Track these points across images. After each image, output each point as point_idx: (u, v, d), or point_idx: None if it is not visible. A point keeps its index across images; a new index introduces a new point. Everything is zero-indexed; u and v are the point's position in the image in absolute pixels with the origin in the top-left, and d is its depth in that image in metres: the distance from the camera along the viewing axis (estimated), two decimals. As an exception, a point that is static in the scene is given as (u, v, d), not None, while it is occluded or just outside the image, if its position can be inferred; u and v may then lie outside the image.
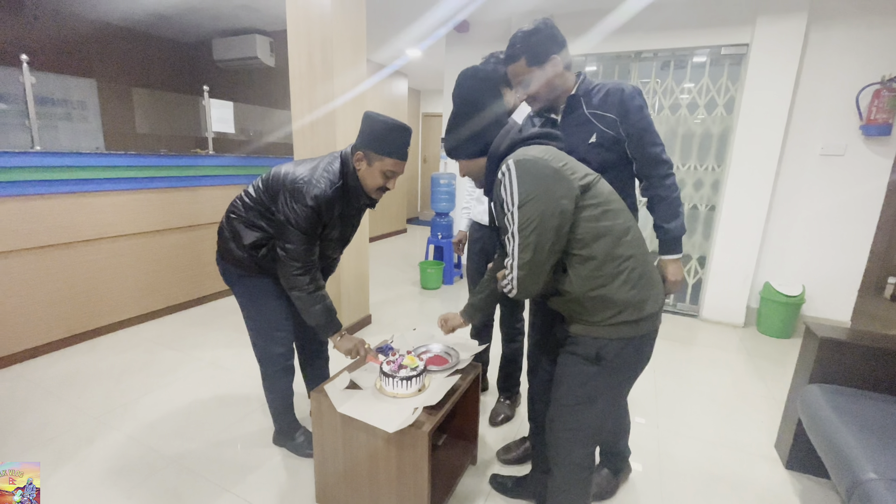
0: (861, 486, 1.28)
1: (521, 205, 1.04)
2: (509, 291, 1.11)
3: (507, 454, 1.84)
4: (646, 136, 1.38)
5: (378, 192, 1.54)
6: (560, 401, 1.23)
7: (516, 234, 1.06)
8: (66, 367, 2.50)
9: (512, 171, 1.06)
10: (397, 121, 1.45)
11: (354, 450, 1.43)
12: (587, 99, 1.41)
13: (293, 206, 1.42)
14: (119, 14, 4.32)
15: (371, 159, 1.46)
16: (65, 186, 2.60)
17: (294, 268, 1.47)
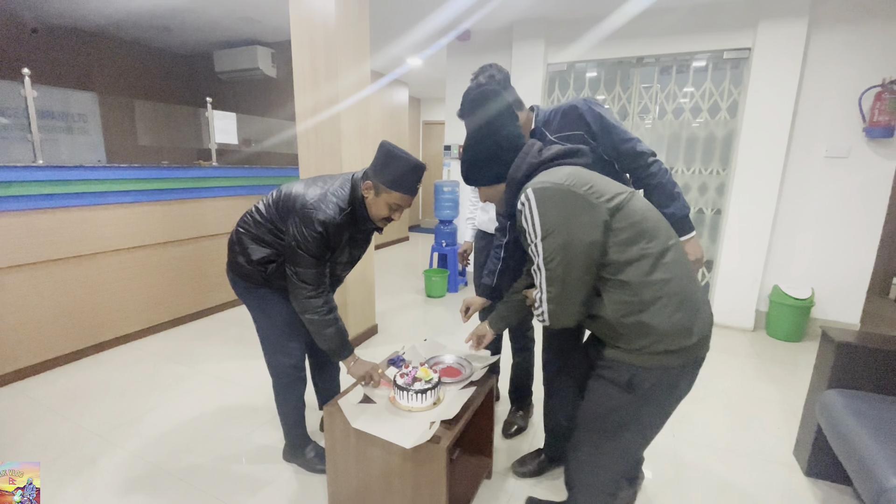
0: (886, 493, 1.26)
1: (545, 237, 1.00)
2: (542, 322, 1.07)
3: (523, 467, 1.80)
4: (613, 135, 1.45)
5: (382, 221, 1.52)
6: (587, 425, 1.18)
7: (542, 267, 1.02)
8: (69, 384, 2.47)
9: (532, 202, 1.02)
10: (411, 158, 1.41)
11: (369, 466, 1.40)
12: (548, 127, 1.51)
13: (303, 230, 1.42)
14: (119, 26, 4.34)
15: (379, 190, 1.44)
16: (67, 200, 2.58)
17: (306, 290, 1.46)
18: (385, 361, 1.71)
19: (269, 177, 3.91)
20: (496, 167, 1.18)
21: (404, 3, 3.49)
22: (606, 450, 1.16)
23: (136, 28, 4.39)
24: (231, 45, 4.79)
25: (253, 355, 2.85)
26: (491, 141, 1.18)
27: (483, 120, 1.19)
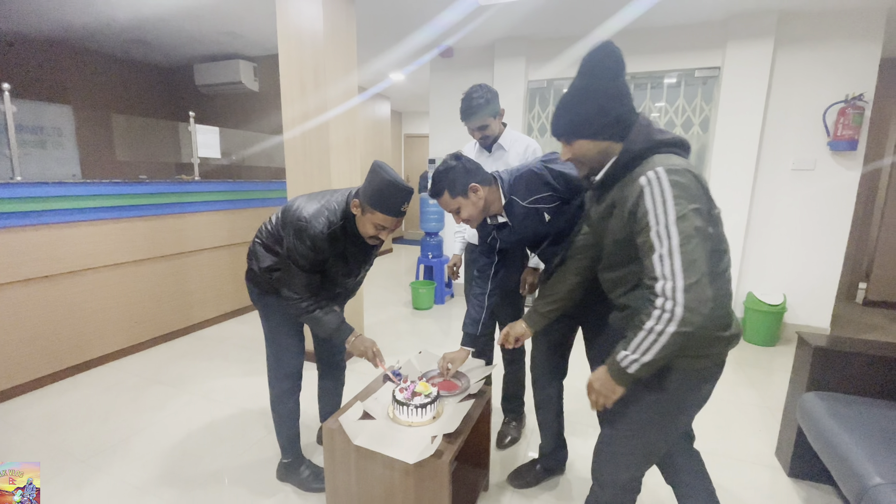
0: (868, 491, 1.32)
1: (680, 218, 0.93)
2: (668, 322, 0.94)
3: (519, 479, 1.82)
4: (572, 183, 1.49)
5: (371, 239, 1.54)
6: (613, 425, 1.20)
7: (675, 251, 0.93)
8: (48, 407, 2.37)
9: (663, 181, 0.95)
10: (398, 181, 1.42)
11: (370, 483, 1.40)
12: (517, 195, 1.53)
13: (295, 242, 1.48)
14: (97, 39, 4.26)
15: (364, 209, 1.46)
16: (47, 217, 2.51)
17: (292, 298, 1.53)
18: (382, 377, 1.71)
19: (252, 191, 3.88)
20: (602, 120, 1.07)
21: (389, 20, 3.54)
22: (633, 449, 1.18)
23: (115, 41, 4.31)
24: (212, 59, 4.76)
25: (240, 373, 2.80)
26: (607, 91, 1.06)
27: (601, 66, 1.06)
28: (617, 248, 1.13)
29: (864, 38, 3.10)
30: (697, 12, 3.23)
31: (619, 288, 1.18)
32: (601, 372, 1.10)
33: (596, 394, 1.12)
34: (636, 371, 1.02)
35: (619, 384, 1.07)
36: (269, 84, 4.72)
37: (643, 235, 0.99)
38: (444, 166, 1.48)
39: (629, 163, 1.05)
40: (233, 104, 5.09)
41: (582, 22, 3.47)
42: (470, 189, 1.47)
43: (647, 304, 1.00)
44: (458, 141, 4.11)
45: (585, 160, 1.13)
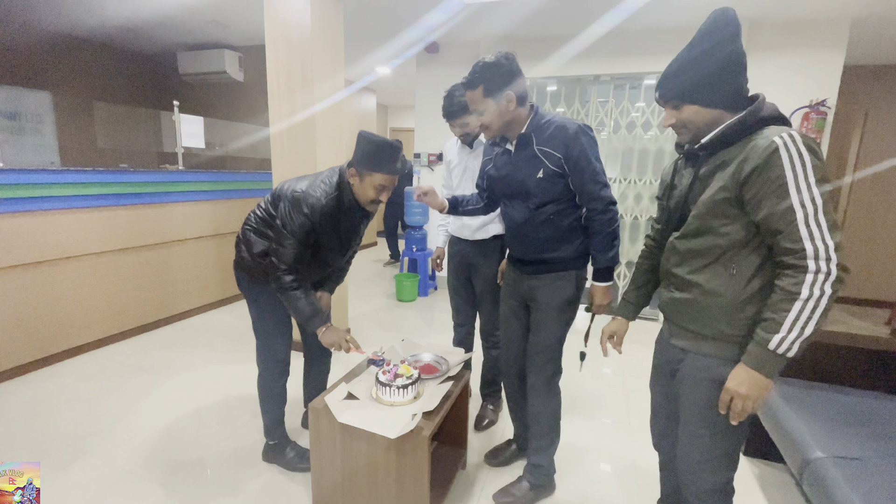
0: (810, 464, 1.46)
1: (819, 180, 0.91)
2: (823, 283, 0.90)
3: (496, 458, 1.92)
4: (585, 174, 1.45)
5: (372, 204, 1.63)
6: (695, 432, 1.13)
7: (821, 213, 0.91)
8: (31, 394, 2.39)
9: (800, 144, 0.92)
10: (387, 140, 1.54)
11: (353, 459, 1.48)
12: (538, 135, 1.48)
13: (291, 213, 1.53)
14: (77, 24, 4.19)
15: (363, 175, 1.55)
16: (29, 204, 2.50)
17: (280, 269, 1.57)
18: (366, 361, 1.79)
19: (236, 181, 3.89)
20: (720, 87, 1.03)
21: (375, 15, 3.58)
22: (723, 449, 1.13)
23: (97, 27, 4.24)
24: (197, 48, 4.72)
25: (226, 361, 2.84)
26: (725, 58, 1.01)
27: (718, 35, 1.02)
28: (710, 209, 1.05)
29: (828, 46, 3.27)
30: (675, 18, 3.35)
31: (696, 260, 1.11)
32: (743, 374, 1.00)
33: (744, 399, 0.99)
34: (797, 351, 0.95)
35: (771, 376, 0.99)
36: (255, 74, 4.71)
37: (775, 198, 0.94)
38: (492, 59, 1.41)
39: (751, 126, 1.00)
40: (217, 94, 5.06)
41: (565, 23, 3.56)
42: (504, 95, 1.42)
43: (788, 274, 0.94)
44: (444, 136, 4.18)
45: (692, 126, 1.08)
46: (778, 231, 0.95)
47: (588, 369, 2.82)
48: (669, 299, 1.20)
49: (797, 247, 0.93)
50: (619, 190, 4.02)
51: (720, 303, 1.06)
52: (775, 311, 0.95)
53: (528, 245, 1.58)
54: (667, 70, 1.08)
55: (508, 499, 1.69)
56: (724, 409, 1.03)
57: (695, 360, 1.13)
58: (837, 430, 1.56)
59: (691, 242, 1.11)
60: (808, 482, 1.45)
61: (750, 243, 1.03)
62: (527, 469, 1.73)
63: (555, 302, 1.58)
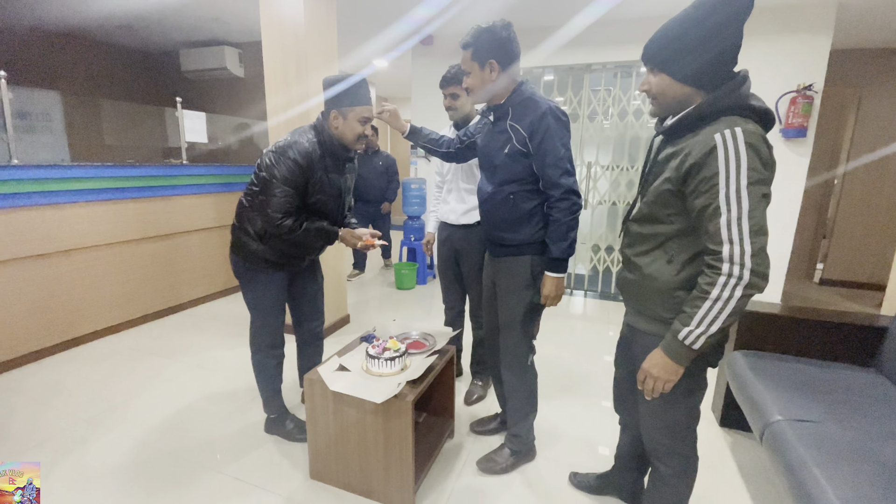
0: (770, 426, 1.57)
1: (752, 183, 0.92)
2: (734, 287, 0.94)
3: (481, 427, 2.05)
4: (547, 157, 1.45)
5: (358, 141, 1.73)
6: (648, 403, 1.19)
7: (744, 216, 0.92)
8: (48, 376, 2.55)
9: (740, 142, 0.92)
10: (351, 74, 1.66)
11: (345, 424, 1.61)
12: (514, 110, 1.50)
13: (277, 162, 1.61)
14: (84, 25, 4.32)
15: (345, 114, 1.66)
16: (43, 198, 2.65)
17: (276, 218, 1.63)
18: (358, 338, 1.92)
19: (238, 174, 4.01)
20: (697, 63, 0.99)
21: (367, 9, 3.67)
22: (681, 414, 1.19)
23: (102, 27, 4.38)
24: (198, 45, 4.83)
25: (230, 345, 2.98)
26: (715, 33, 0.97)
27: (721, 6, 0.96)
28: (656, 198, 1.08)
29: (815, 30, 3.31)
30: (664, 5, 3.41)
31: (641, 244, 1.16)
32: (657, 357, 1.07)
33: (654, 380, 1.08)
34: (702, 345, 1.00)
35: (682, 363, 1.04)
36: (254, 70, 4.82)
37: (706, 197, 0.95)
38: (488, 25, 1.44)
39: (707, 116, 0.99)
40: (218, 89, 5.18)
41: (558, 12, 3.63)
42: (488, 63, 1.45)
43: (706, 273, 0.98)
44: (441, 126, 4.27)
45: (660, 98, 1.07)
46: (706, 230, 0.98)
47: (590, 356, 2.91)
48: (622, 278, 1.26)
49: (717, 248, 0.95)
50: (612, 177, 4.10)
51: (655, 286, 1.12)
52: (689, 306, 1.01)
53: (490, 222, 1.64)
54: (657, 30, 1.05)
55: (490, 464, 1.81)
56: (640, 386, 1.12)
57: (641, 337, 1.21)
58: (799, 396, 1.66)
59: (640, 227, 1.16)
60: (766, 443, 1.55)
61: (690, 234, 1.06)
62: (507, 437, 1.85)
63: (512, 285, 1.62)
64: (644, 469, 1.57)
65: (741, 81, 0.99)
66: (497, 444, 1.93)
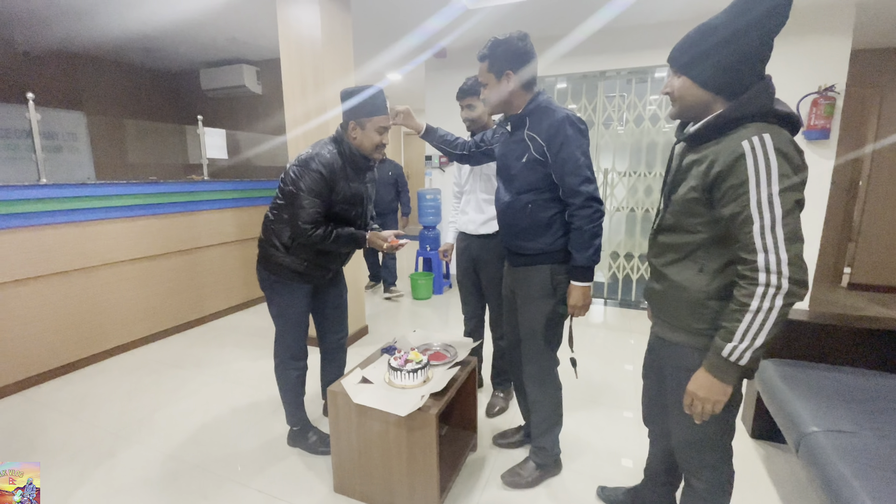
0: (805, 438, 1.52)
1: (784, 190, 0.89)
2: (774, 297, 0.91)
3: (504, 439, 2.03)
4: (566, 165, 1.43)
5: (377, 150, 1.77)
6: (680, 417, 1.15)
7: (778, 223, 0.89)
8: (76, 390, 2.60)
9: (769, 149, 0.90)
10: (369, 86, 1.71)
11: (368, 438, 1.60)
12: (531, 119, 1.50)
13: (302, 174, 1.65)
14: (108, 48, 4.48)
15: (363, 124, 1.71)
16: (70, 216, 2.73)
17: (308, 228, 1.67)
18: (379, 350, 1.92)
19: (257, 189, 4.09)
20: (722, 71, 0.98)
21: (383, 24, 3.73)
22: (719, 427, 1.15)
23: (125, 50, 4.54)
24: (217, 64, 4.97)
25: (251, 357, 3.01)
26: (744, 42, 0.95)
27: (752, 15, 0.93)
28: (682, 207, 1.07)
29: (834, 31, 3.26)
30: (681, 10, 3.39)
31: (669, 254, 1.13)
32: (702, 378, 1.02)
33: (702, 402, 1.02)
34: (749, 361, 0.95)
35: (730, 382, 0.99)
36: (272, 87, 4.93)
37: (736, 205, 0.93)
38: (504, 37, 1.45)
39: (731, 122, 0.97)
40: (237, 106, 5.30)
41: (569, 21, 3.64)
42: (504, 74, 1.46)
43: (742, 284, 0.95)
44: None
45: (680, 101, 1.06)
46: (737, 239, 0.96)
47: (610, 365, 2.88)
48: (649, 289, 1.23)
49: (751, 258, 0.93)
50: (629, 183, 4.06)
51: (685, 297, 1.09)
52: (729, 321, 0.97)
53: (508, 231, 1.64)
54: (688, 32, 1.03)
55: (515, 478, 1.79)
56: (688, 410, 1.07)
57: (670, 349, 1.17)
58: (834, 406, 1.61)
59: (666, 237, 1.14)
60: (802, 456, 1.50)
61: (719, 243, 1.03)
62: (532, 450, 1.83)
63: (531, 295, 1.60)
64: (676, 483, 1.53)
65: (765, 87, 0.97)
66: (521, 457, 1.91)
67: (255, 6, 3.36)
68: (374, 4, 3.29)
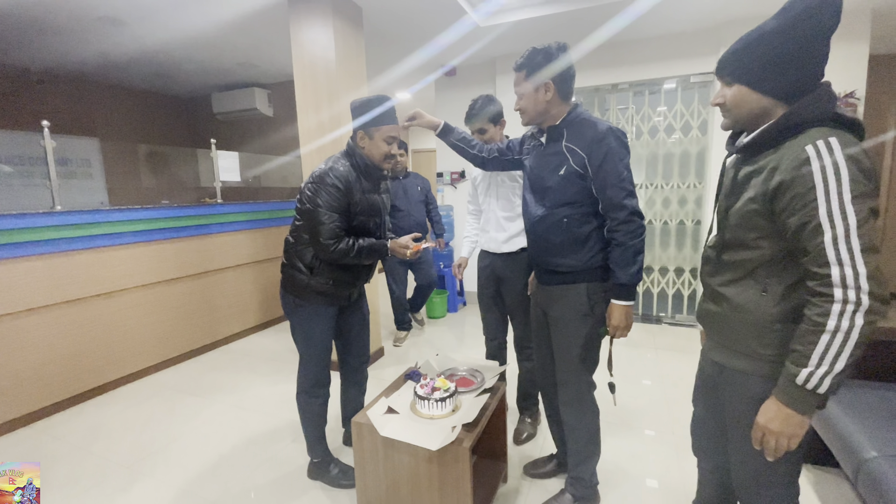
0: (865, 464, 1.41)
1: (856, 197, 0.83)
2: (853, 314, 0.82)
3: (536, 469, 1.92)
4: (608, 178, 1.39)
5: (387, 160, 1.73)
6: (744, 450, 1.06)
7: (853, 233, 0.82)
8: (90, 420, 2.53)
9: (838, 153, 0.84)
10: (377, 95, 1.68)
11: (396, 472, 1.52)
12: (569, 131, 1.46)
13: (319, 190, 1.62)
14: (120, 74, 4.54)
15: (371, 133, 1.68)
16: (85, 243, 2.70)
17: (330, 244, 1.63)
18: (403, 376, 1.84)
19: (270, 210, 4.07)
20: (782, 75, 0.93)
21: (394, 43, 3.74)
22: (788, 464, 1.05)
23: (137, 75, 4.60)
24: (229, 88, 5.02)
25: (268, 383, 2.94)
26: (801, 44, 0.90)
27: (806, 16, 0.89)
28: (740, 221, 1.00)
29: (851, 37, 3.21)
30: (690, 21, 3.37)
31: (727, 272, 1.06)
32: (773, 409, 0.92)
33: (776, 436, 0.92)
34: (830, 387, 0.85)
35: (806, 413, 0.89)
36: (283, 109, 4.95)
37: (802, 215, 0.86)
38: (543, 46, 1.44)
39: (793, 128, 0.91)
40: (249, 129, 5.33)
41: (578, 35, 3.62)
42: (543, 84, 1.44)
43: (815, 302, 0.87)
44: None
45: (735, 110, 1.00)
46: (806, 252, 0.88)
47: (628, 381, 2.78)
48: (704, 310, 1.15)
49: (823, 272, 0.85)
50: (647, 195, 3.99)
51: (748, 320, 1.00)
52: (802, 344, 0.87)
53: (539, 247, 1.57)
54: (734, 43, 0.99)
55: None
56: (757, 446, 0.96)
57: (731, 377, 1.08)
58: (890, 427, 1.50)
59: (724, 254, 1.07)
60: (863, 483, 1.39)
61: (784, 259, 0.96)
62: (568, 482, 1.72)
63: (567, 316, 1.53)
64: None
65: (826, 90, 0.92)
66: (555, 487, 1.80)
67: (268, 30, 3.38)
68: (385, 22, 3.29)
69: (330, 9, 2.71)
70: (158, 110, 5.34)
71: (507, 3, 3.17)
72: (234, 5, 2.94)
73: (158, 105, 5.34)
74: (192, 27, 3.30)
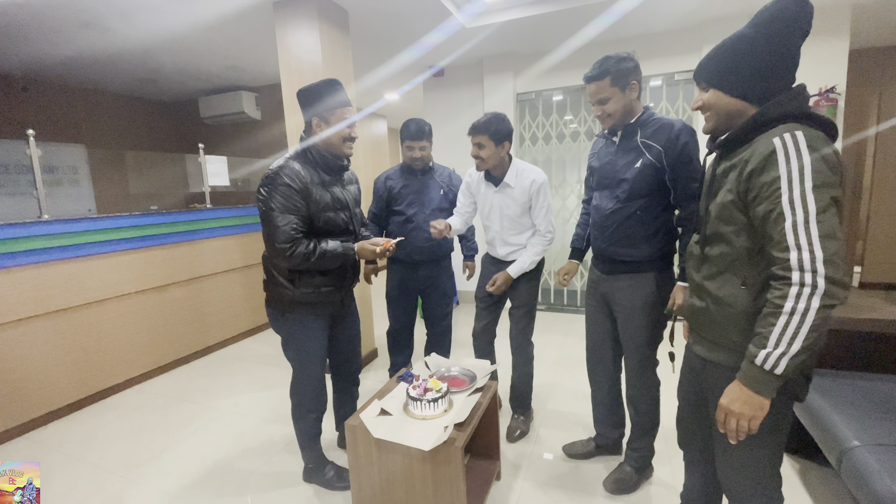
0: (847, 453, 1.45)
1: (816, 186, 0.85)
2: (810, 297, 0.84)
3: (573, 449, 2.03)
4: (685, 170, 1.53)
5: (347, 144, 1.69)
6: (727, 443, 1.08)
7: (812, 220, 0.84)
8: (83, 429, 2.52)
9: (801, 143, 0.87)
10: (326, 80, 1.65)
11: (390, 473, 1.53)
12: (643, 129, 1.59)
13: (269, 190, 1.56)
14: (105, 80, 4.49)
15: (327, 118, 1.64)
16: (73, 251, 2.68)
17: (286, 248, 1.55)
18: (395, 378, 1.85)
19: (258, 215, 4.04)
20: (751, 82, 0.98)
21: (381, 45, 3.75)
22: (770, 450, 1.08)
23: (124, 81, 4.55)
24: (216, 92, 4.99)
25: (260, 387, 2.94)
26: (771, 53, 0.95)
27: (777, 25, 0.94)
28: (719, 214, 1.04)
29: (831, 33, 3.27)
30: (673, 20, 3.41)
31: (709, 266, 1.09)
32: (736, 391, 0.95)
33: (737, 418, 0.95)
34: (786, 369, 0.88)
35: (766, 394, 0.91)
36: (271, 112, 4.94)
37: (769, 203, 0.90)
38: (613, 54, 1.54)
39: (763, 125, 0.96)
40: (237, 133, 5.31)
41: (562, 36, 3.66)
42: (630, 85, 1.54)
43: (775, 286, 0.90)
44: (452, 156, 4.29)
45: (714, 113, 1.06)
46: (770, 237, 0.91)
47: None
48: (689, 305, 1.18)
49: (783, 256, 0.88)
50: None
51: (731, 313, 1.03)
52: (763, 326, 0.90)
53: (610, 237, 1.65)
54: (714, 47, 1.04)
55: (619, 484, 1.79)
56: (721, 428, 0.99)
57: (714, 370, 1.11)
58: (872, 417, 1.54)
59: (705, 248, 1.10)
60: (846, 473, 1.43)
61: (761, 252, 0.98)
62: (627, 454, 1.85)
63: (637, 303, 1.64)
64: None
65: (798, 92, 0.97)
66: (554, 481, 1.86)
67: (252, 33, 3.37)
68: (371, 25, 3.30)
69: (315, 12, 2.71)
70: (145, 115, 5.30)
71: (492, 5, 3.19)
72: (215, 8, 2.92)
73: (145, 110, 5.30)
74: (176, 30, 3.27)
